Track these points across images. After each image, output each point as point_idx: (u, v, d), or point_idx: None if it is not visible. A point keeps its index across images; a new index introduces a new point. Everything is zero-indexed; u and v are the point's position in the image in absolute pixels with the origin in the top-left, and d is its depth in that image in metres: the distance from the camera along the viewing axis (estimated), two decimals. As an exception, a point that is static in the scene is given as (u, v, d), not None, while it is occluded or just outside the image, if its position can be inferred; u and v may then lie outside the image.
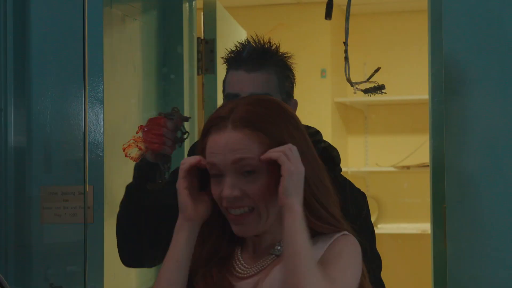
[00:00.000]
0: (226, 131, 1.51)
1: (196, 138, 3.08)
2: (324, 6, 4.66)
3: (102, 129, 2.39)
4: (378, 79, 2.27)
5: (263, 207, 1.51)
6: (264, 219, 1.52)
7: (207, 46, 3.17)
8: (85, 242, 2.25)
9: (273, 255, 1.54)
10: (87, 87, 2.20)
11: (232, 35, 3.50)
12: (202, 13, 3.25)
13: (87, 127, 2.27)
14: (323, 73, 4.85)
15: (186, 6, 3.07)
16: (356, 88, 2.21)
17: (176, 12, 3.05)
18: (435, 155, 2.59)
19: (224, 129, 1.52)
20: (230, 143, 1.50)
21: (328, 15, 2.08)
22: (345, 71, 2.22)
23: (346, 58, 2.20)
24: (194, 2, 3.11)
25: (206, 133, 1.55)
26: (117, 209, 2.10)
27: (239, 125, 1.51)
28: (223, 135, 1.51)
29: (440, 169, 2.51)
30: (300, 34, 4.85)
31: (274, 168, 1.48)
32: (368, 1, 4.76)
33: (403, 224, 5.00)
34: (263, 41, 2.00)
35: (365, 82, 2.22)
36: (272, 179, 1.49)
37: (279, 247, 1.53)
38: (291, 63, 2.04)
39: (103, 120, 2.42)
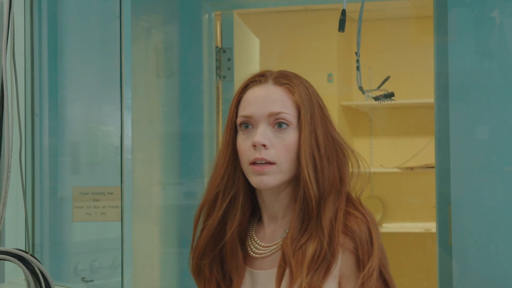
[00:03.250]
0: (267, 85, 1.60)
1: (215, 138, 3.19)
2: (330, 12, 4.72)
3: (130, 133, 2.46)
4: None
5: (283, 163, 1.56)
6: (282, 175, 1.57)
7: (225, 54, 3.24)
8: (122, 239, 2.32)
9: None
10: (123, 95, 2.28)
11: (246, 43, 3.57)
12: (218, 23, 3.30)
13: (123, 132, 2.35)
14: (329, 77, 4.84)
15: (205, 17, 3.15)
16: (368, 95, 2.32)
17: (196, 23, 3.13)
18: (440, 156, 2.60)
19: (265, 83, 1.60)
20: (269, 95, 1.58)
21: (341, 28, 2.16)
22: (357, 80, 2.33)
23: (358, 68, 2.31)
24: (212, 13, 3.18)
25: (243, 88, 1.62)
26: (142, 208, 2.18)
27: (278, 82, 1.59)
28: (263, 88, 1.59)
29: (445, 170, 2.53)
30: (307, 39, 4.86)
31: (301, 129, 1.57)
32: (374, 7, 4.71)
33: (407, 223, 4.99)
34: None
35: (375, 90, 2.33)
36: (297, 139, 1.57)
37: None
38: None
39: (131, 125, 2.52)
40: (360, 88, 2.32)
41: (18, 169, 2.27)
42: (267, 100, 1.58)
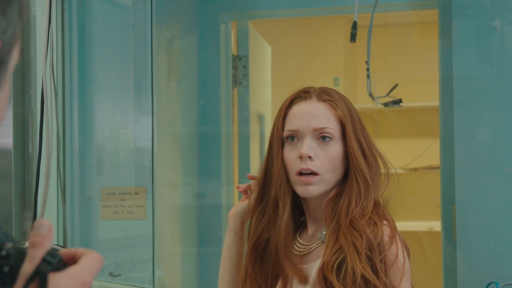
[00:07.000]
0: (311, 101, 1.70)
1: (231, 141, 3.27)
2: (336, 19, 4.80)
3: (155, 137, 2.56)
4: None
5: (326, 174, 1.67)
6: (324, 185, 1.68)
7: (241, 62, 3.34)
8: (154, 235, 2.43)
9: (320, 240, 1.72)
10: (154, 102, 2.38)
11: (259, 50, 3.67)
12: (234, 32, 3.38)
13: (155, 137, 2.44)
14: (336, 81, 4.86)
15: (222, 27, 3.25)
16: (377, 102, 2.46)
17: (214, 33, 3.23)
18: (445, 157, 2.66)
19: (309, 99, 1.70)
20: (314, 110, 1.68)
21: (353, 39, 2.28)
22: (367, 87, 2.46)
23: (368, 76, 2.44)
24: (229, 23, 3.28)
25: (289, 104, 1.72)
26: (162, 208, 2.22)
27: (321, 98, 1.70)
28: (308, 104, 1.69)
29: (449, 171, 2.59)
30: (315, 45, 4.90)
31: (345, 142, 1.67)
32: (379, 14, 4.74)
33: (411, 222, 4.98)
34: None
35: (384, 96, 2.47)
36: (340, 152, 1.68)
37: (324, 232, 1.71)
38: None
39: (156, 129, 2.59)
40: (370, 95, 2.45)
41: (54, 171, 2.40)
42: (312, 115, 1.68)
